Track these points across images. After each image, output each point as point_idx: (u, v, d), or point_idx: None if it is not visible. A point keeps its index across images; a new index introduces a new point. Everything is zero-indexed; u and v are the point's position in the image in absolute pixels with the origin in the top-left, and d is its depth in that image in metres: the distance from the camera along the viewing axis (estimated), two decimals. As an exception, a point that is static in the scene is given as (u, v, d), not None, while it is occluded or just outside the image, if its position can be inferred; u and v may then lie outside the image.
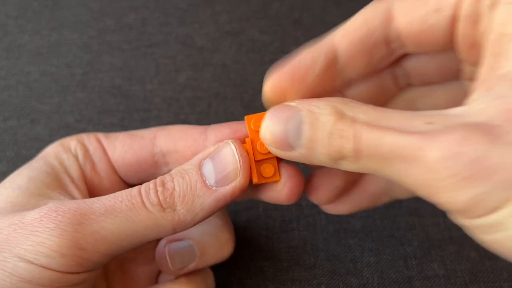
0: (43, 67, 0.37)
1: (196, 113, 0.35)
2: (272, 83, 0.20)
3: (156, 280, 0.25)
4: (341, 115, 0.17)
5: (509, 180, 0.13)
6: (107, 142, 0.24)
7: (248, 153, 0.21)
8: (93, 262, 0.19)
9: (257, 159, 0.21)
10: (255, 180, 0.21)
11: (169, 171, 0.23)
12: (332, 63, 0.20)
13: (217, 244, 0.23)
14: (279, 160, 0.21)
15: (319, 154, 0.17)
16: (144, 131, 0.24)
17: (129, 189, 0.20)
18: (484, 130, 0.14)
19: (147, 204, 0.19)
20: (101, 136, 0.24)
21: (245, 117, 0.21)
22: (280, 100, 0.20)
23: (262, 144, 0.21)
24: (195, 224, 0.20)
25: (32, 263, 0.18)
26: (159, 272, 0.25)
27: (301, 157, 0.18)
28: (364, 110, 0.17)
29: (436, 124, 0.15)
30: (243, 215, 0.30)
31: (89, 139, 0.24)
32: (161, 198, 0.19)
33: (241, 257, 0.28)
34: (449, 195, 0.14)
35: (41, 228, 0.18)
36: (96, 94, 0.36)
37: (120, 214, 0.19)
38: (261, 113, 0.21)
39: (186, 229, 0.20)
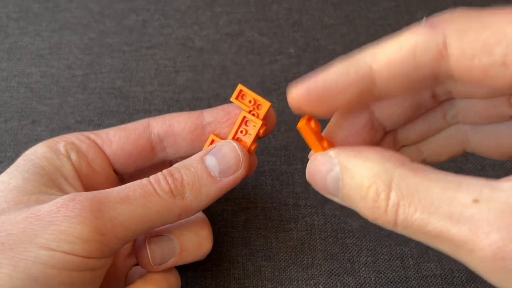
0: (44, 69, 0.38)
1: (195, 114, 0.35)
2: (298, 97, 0.19)
3: (126, 275, 0.26)
4: (375, 184, 0.16)
5: None
6: (100, 138, 0.25)
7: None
8: (111, 247, 0.20)
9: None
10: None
11: (165, 156, 0.26)
12: (368, 89, 0.18)
13: (197, 240, 0.24)
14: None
15: (359, 208, 0.18)
16: (135, 123, 0.26)
17: (139, 180, 0.22)
18: None
19: (159, 191, 0.21)
20: (90, 134, 0.25)
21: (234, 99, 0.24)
22: (302, 112, 0.19)
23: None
24: (198, 211, 0.22)
25: (54, 250, 0.18)
26: (129, 269, 0.26)
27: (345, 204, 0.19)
28: (401, 174, 0.16)
29: (484, 203, 0.14)
30: (242, 215, 0.30)
31: (79, 138, 0.25)
32: (172, 186, 0.21)
33: (239, 257, 0.28)
34: (499, 283, 0.15)
35: (61, 217, 0.19)
36: (96, 96, 0.36)
37: (135, 201, 0.20)
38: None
39: (190, 215, 0.22)
